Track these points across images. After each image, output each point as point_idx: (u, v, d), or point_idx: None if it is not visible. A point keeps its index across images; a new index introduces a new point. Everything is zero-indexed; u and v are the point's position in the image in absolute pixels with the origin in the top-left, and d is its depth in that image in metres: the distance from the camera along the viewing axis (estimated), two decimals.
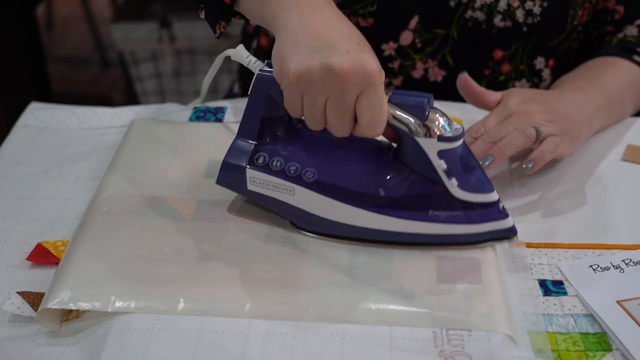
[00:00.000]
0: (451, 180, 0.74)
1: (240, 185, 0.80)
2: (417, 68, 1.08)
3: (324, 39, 0.71)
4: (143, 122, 0.98)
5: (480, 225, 0.76)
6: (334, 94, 0.70)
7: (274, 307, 0.71)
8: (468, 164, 0.75)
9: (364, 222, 0.77)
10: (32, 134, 1.01)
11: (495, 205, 0.76)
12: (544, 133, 0.87)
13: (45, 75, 2.20)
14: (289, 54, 0.71)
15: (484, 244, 0.77)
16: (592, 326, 0.73)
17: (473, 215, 0.76)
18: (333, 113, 0.72)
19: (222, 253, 0.77)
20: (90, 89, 2.80)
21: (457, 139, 0.73)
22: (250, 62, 0.78)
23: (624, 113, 1.01)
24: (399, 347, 0.68)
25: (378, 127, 0.72)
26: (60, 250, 0.80)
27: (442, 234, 0.76)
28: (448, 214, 0.75)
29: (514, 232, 0.78)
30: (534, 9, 1.01)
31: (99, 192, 0.85)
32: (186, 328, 0.69)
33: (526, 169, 0.86)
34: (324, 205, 0.77)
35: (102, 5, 3.12)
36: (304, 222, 0.79)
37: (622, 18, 1.05)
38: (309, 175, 0.77)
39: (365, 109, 0.70)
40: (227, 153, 0.79)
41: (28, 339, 0.71)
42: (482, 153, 0.86)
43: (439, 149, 0.73)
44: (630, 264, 0.78)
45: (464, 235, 0.77)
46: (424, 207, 0.76)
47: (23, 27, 2.04)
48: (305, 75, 0.70)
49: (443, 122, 0.73)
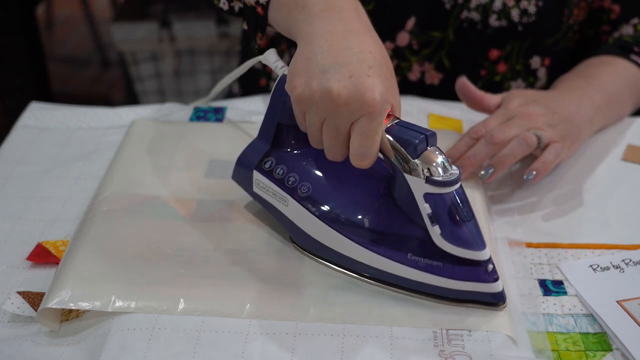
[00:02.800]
0: (434, 227, 0.69)
1: (248, 185, 0.80)
2: (414, 70, 1.08)
3: (336, 57, 0.69)
4: (143, 122, 0.98)
5: (461, 282, 0.70)
6: (329, 118, 0.69)
7: (274, 307, 0.71)
8: (459, 214, 0.69)
9: (344, 249, 0.74)
10: (32, 134, 1.01)
11: (483, 265, 0.70)
12: (545, 139, 0.87)
13: (45, 75, 2.20)
14: (299, 69, 0.70)
15: (464, 304, 0.71)
16: (592, 326, 0.73)
17: (455, 270, 0.70)
18: (327, 136, 0.71)
19: (222, 253, 0.77)
20: (90, 89, 2.80)
21: (448, 184, 0.68)
22: (277, 66, 0.77)
23: (622, 112, 1.01)
24: (399, 347, 0.68)
25: (365, 158, 0.69)
26: (60, 250, 0.80)
27: (419, 281, 0.71)
28: (427, 262, 0.70)
29: (502, 299, 0.71)
30: (529, 8, 1.01)
31: (99, 192, 0.85)
32: (186, 328, 0.69)
33: (528, 179, 0.86)
34: (310, 223, 0.75)
35: (102, 5, 3.13)
36: (295, 235, 0.78)
37: (618, 17, 1.06)
38: (304, 190, 0.76)
39: (357, 136, 0.68)
40: (244, 149, 0.80)
41: (28, 338, 0.71)
42: (484, 156, 0.86)
43: (425, 191, 0.68)
44: (630, 264, 0.78)
45: (442, 289, 0.71)
46: (404, 249, 0.71)
47: (23, 27, 2.04)
48: (306, 94, 0.69)
49: (439, 164, 0.68)
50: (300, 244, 0.78)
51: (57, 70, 2.76)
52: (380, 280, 0.73)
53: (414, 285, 0.72)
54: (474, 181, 0.87)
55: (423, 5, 1.02)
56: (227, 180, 0.86)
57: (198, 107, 1.02)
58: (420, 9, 1.02)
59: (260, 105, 1.03)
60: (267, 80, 1.15)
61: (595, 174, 0.93)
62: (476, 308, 0.71)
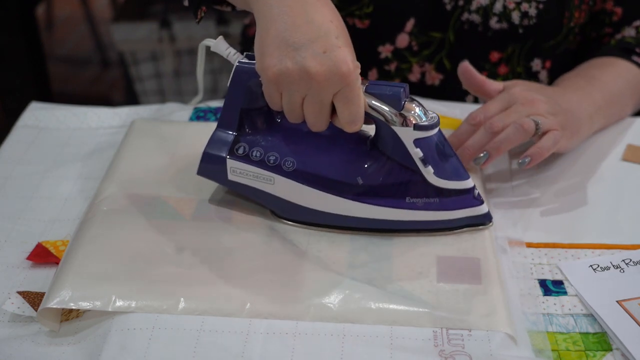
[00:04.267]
0: (427, 168, 0.75)
1: (221, 175, 0.81)
2: (414, 71, 1.08)
3: (303, 33, 0.71)
4: (143, 122, 0.98)
5: (456, 211, 0.78)
6: (311, 94, 0.72)
7: (274, 307, 0.71)
8: (444, 151, 0.77)
9: (342, 210, 0.78)
10: (32, 134, 1.01)
11: (471, 192, 0.78)
12: (544, 126, 0.86)
13: (45, 75, 2.20)
14: (268, 49, 0.71)
15: (459, 230, 0.79)
16: (592, 326, 0.73)
17: (449, 202, 0.77)
18: (310, 111, 0.73)
19: (222, 253, 0.77)
20: (90, 89, 2.80)
21: (432, 127, 0.75)
22: (229, 53, 0.79)
23: (623, 113, 1.01)
24: (399, 347, 0.68)
25: (357, 122, 0.73)
26: (60, 250, 0.80)
27: (419, 220, 0.78)
28: (424, 201, 0.77)
29: (489, 218, 0.80)
30: (529, 11, 1.01)
31: (99, 192, 0.85)
32: (186, 328, 0.69)
33: (522, 164, 0.85)
34: (303, 194, 0.78)
35: (102, 5, 3.12)
36: (284, 211, 0.81)
37: (621, 19, 1.05)
38: (288, 165, 0.78)
39: (343, 106, 0.72)
40: (207, 144, 0.81)
41: (28, 338, 0.71)
42: (484, 145, 0.85)
43: (415, 138, 0.74)
44: (630, 264, 0.78)
45: (441, 222, 0.78)
46: (401, 194, 0.77)
47: (23, 27, 2.04)
48: (283, 74, 0.71)
49: (419, 112, 0.74)
50: (289, 217, 0.80)
51: (57, 70, 2.76)
52: (381, 229, 0.79)
53: (415, 226, 0.78)
54: (472, 173, 0.86)
55: (423, 6, 1.02)
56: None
57: (198, 107, 1.02)
58: (420, 9, 1.02)
59: None
60: None
61: (595, 173, 0.93)
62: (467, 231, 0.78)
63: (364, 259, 0.77)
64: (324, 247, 0.78)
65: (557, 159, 0.94)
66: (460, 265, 0.76)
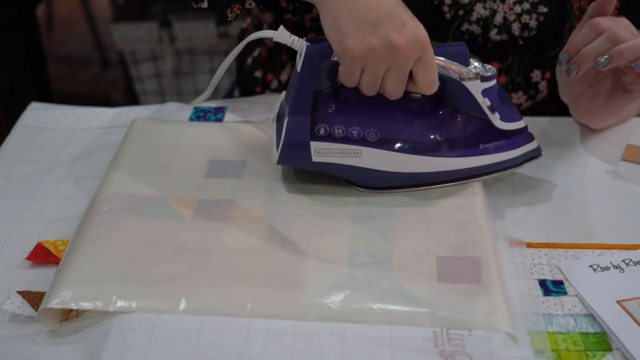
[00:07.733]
0: (494, 114, 0.84)
1: (305, 159, 0.83)
2: None
3: (376, 10, 0.76)
4: (143, 122, 0.98)
5: (518, 149, 0.86)
6: (395, 65, 0.77)
7: (274, 307, 0.71)
8: (504, 97, 0.85)
9: (426, 167, 0.84)
10: (32, 134, 1.01)
11: (526, 130, 0.87)
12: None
13: (45, 75, 2.20)
14: (347, 29, 0.76)
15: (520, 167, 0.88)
16: (592, 326, 0.73)
17: (512, 142, 0.86)
18: (393, 81, 0.79)
19: (223, 253, 0.77)
20: (90, 89, 2.80)
21: (494, 77, 0.83)
22: (293, 41, 0.81)
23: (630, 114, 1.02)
24: (399, 347, 0.68)
25: (435, 84, 0.80)
26: (60, 250, 0.80)
27: (492, 163, 0.86)
28: (495, 145, 0.85)
29: (540, 152, 0.88)
30: (530, 22, 1.00)
31: (99, 192, 0.85)
32: (186, 328, 0.69)
33: (599, 64, 0.86)
34: (390, 160, 0.83)
35: (102, 5, 3.13)
36: (371, 180, 0.85)
37: None
38: (372, 136, 0.83)
39: (423, 71, 0.78)
40: (285, 132, 0.82)
41: (28, 338, 0.71)
42: (602, 53, 0.85)
43: (482, 88, 0.83)
44: (630, 264, 0.78)
45: (508, 161, 0.86)
46: (476, 142, 0.85)
47: (23, 27, 2.04)
48: (369, 51, 0.76)
49: (479, 65, 0.83)
50: (376, 185, 0.85)
51: (57, 71, 2.76)
52: (462, 178, 0.86)
53: (490, 169, 0.86)
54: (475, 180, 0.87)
55: (422, 15, 1.02)
56: (227, 180, 0.86)
57: (198, 107, 1.02)
58: (420, 17, 1.02)
59: (260, 105, 1.02)
60: (263, 88, 1.15)
61: (596, 174, 0.93)
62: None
63: (364, 259, 0.77)
64: (324, 247, 0.78)
65: (557, 158, 0.94)
66: (461, 265, 0.76)
